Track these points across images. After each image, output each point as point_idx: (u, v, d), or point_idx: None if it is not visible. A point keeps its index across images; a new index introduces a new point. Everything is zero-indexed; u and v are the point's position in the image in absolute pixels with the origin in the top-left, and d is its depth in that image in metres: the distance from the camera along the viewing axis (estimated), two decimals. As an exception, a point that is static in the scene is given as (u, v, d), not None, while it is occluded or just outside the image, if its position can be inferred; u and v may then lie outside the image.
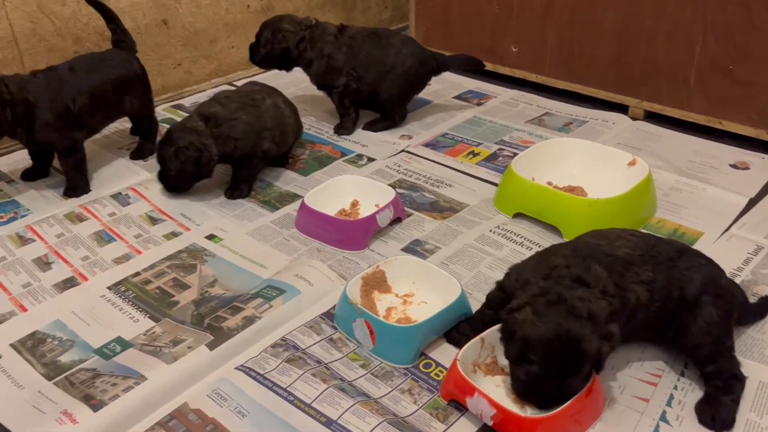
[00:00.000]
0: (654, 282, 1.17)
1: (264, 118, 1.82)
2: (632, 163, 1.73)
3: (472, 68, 2.29)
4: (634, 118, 2.21)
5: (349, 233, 1.61)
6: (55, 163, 1.88)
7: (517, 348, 1.08)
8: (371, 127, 2.18)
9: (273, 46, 2.09)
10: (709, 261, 1.25)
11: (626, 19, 2.14)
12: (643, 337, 1.25)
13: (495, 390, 1.17)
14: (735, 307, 1.22)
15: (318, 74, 2.12)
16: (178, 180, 1.78)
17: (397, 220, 1.68)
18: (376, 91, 2.11)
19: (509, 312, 1.12)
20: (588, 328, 1.05)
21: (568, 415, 1.08)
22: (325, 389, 1.19)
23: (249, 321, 1.34)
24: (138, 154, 2.02)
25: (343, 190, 1.74)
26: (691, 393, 1.20)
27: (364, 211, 1.68)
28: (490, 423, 1.10)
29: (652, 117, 2.20)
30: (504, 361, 1.21)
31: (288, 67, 2.16)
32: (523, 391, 1.12)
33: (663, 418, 1.15)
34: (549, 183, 1.73)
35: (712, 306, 1.17)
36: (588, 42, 2.26)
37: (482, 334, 1.21)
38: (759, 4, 1.87)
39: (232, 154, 1.78)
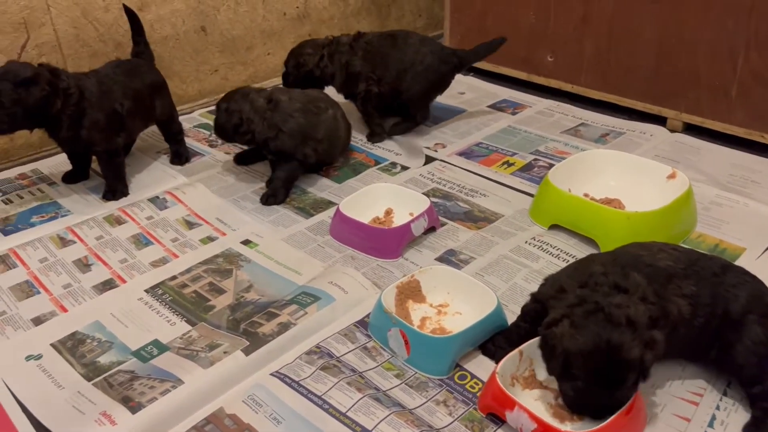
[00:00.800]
0: (697, 297, 1.14)
1: (318, 128, 1.86)
2: (672, 176, 1.70)
3: (495, 49, 2.20)
4: (672, 130, 2.18)
5: (383, 241, 1.61)
6: (95, 166, 1.92)
7: (559, 364, 1.07)
8: (395, 129, 2.20)
9: (298, 71, 2.17)
10: (754, 278, 1.22)
11: (666, 30, 2.11)
12: (685, 354, 1.23)
13: (533, 404, 1.16)
14: None
15: (340, 85, 2.16)
16: (217, 131, 1.89)
17: (431, 230, 1.68)
18: (398, 90, 2.12)
19: (547, 327, 1.10)
20: (628, 336, 1.03)
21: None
22: (360, 398, 1.18)
23: (284, 327, 1.35)
24: (177, 159, 2.05)
25: (378, 198, 1.74)
26: (735, 413, 1.17)
27: (398, 220, 1.67)
28: (530, 437, 1.08)
29: (691, 129, 2.16)
30: (542, 375, 1.20)
31: (320, 87, 2.19)
32: (572, 405, 1.10)
33: (705, 439, 1.13)
34: (586, 195, 1.71)
35: (758, 325, 1.14)
36: (626, 52, 2.23)
37: (521, 347, 1.19)
38: (805, 16, 1.83)
39: (271, 143, 1.82)
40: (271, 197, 1.83)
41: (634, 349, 1.03)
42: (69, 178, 1.95)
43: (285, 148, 1.82)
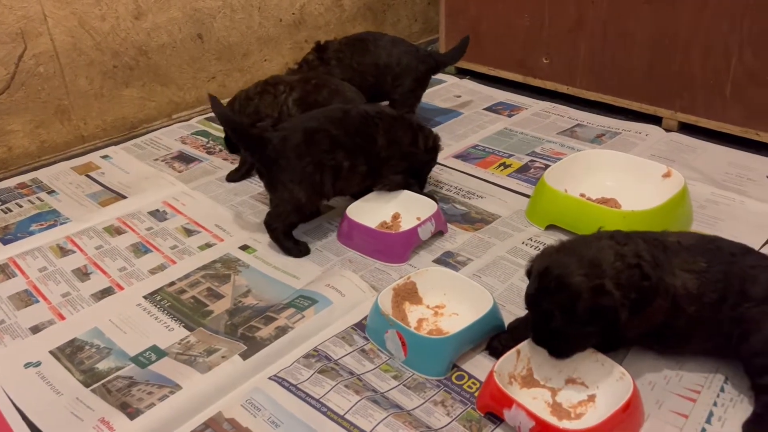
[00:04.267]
0: (706, 273, 1.14)
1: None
2: (667, 175, 1.70)
3: (464, 48, 2.24)
4: (667, 130, 2.19)
5: (391, 246, 1.61)
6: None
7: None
8: None
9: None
10: None
11: (660, 31, 2.12)
12: (707, 342, 1.20)
13: (532, 402, 1.16)
14: None
15: None
16: None
17: (438, 233, 1.68)
18: (383, 93, 2.14)
19: (531, 260, 1.19)
20: (580, 268, 1.08)
21: (607, 429, 1.06)
22: (358, 401, 1.19)
23: (282, 331, 1.35)
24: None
25: (385, 202, 1.74)
26: (732, 409, 1.17)
27: (405, 224, 1.67)
28: (527, 436, 1.09)
29: (686, 128, 2.17)
30: (540, 374, 1.21)
31: None
32: (533, 335, 1.16)
33: (703, 435, 1.13)
34: (582, 195, 1.72)
35: None
36: (620, 53, 2.24)
37: (518, 346, 1.20)
38: (797, 14, 1.84)
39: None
40: None
41: (576, 277, 1.07)
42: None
43: None
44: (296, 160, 1.56)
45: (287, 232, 1.63)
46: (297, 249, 1.63)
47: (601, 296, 1.08)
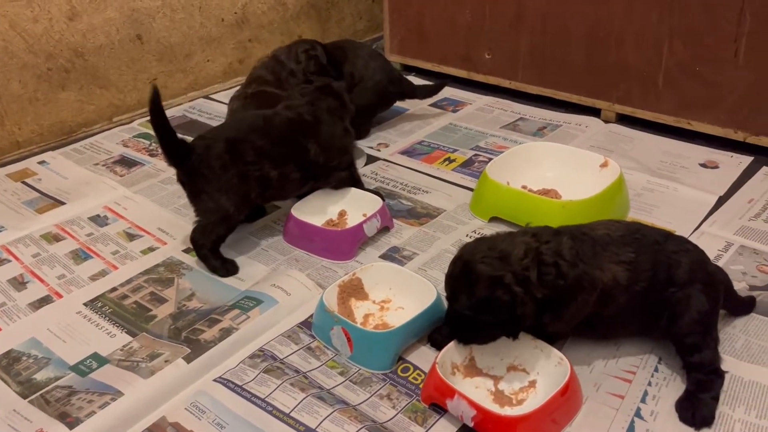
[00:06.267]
0: (635, 263, 1.18)
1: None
2: (604, 165, 1.75)
3: (437, 91, 2.30)
4: (606, 121, 2.25)
5: (336, 243, 1.61)
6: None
7: None
8: None
9: None
10: (696, 247, 1.26)
11: (595, 24, 2.18)
12: (638, 325, 1.25)
13: (475, 391, 1.18)
14: (722, 295, 1.23)
15: None
16: None
17: (385, 229, 1.69)
18: None
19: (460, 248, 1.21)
20: (487, 257, 1.11)
21: (546, 413, 1.09)
22: (304, 398, 1.19)
23: (226, 332, 1.34)
24: None
25: (331, 200, 1.74)
26: (665, 388, 1.21)
27: (352, 221, 1.68)
28: (471, 424, 1.10)
29: (624, 119, 2.23)
30: (482, 363, 1.23)
31: None
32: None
33: (638, 413, 1.16)
34: (524, 187, 1.75)
35: (703, 294, 1.17)
36: (559, 47, 2.29)
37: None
38: (723, 7, 1.91)
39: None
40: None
41: (479, 265, 1.10)
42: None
43: None
44: (220, 170, 1.49)
45: (214, 248, 1.55)
46: (224, 268, 1.55)
47: (497, 288, 1.10)
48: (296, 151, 1.60)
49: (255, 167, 1.53)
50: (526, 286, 1.10)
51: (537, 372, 1.20)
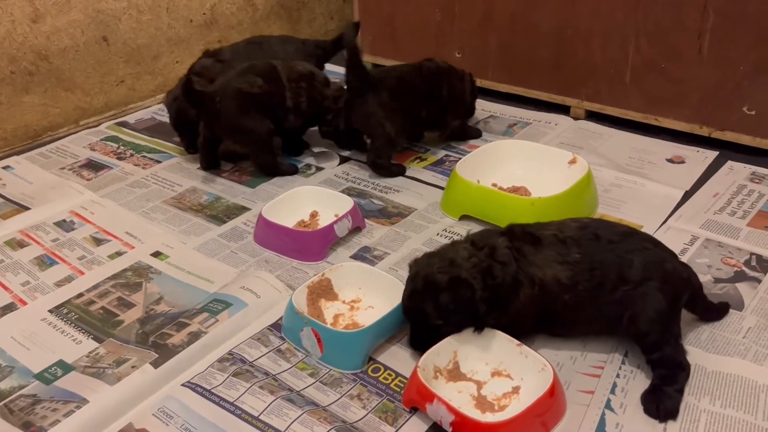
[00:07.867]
0: (580, 263, 1.20)
1: None
2: (573, 162, 1.77)
3: (353, 34, 2.27)
4: (575, 118, 2.27)
5: (307, 244, 1.60)
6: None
7: None
8: None
9: None
10: (657, 245, 1.26)
11: (563, 23, 2.19)
12: (599, 324, 1.26)
13: (457, 396, 1.17)
14: (683, 292, 1.23)
15: None
16: None
17: (356, 230, 1.68)
18: None
19: (409, 264, 1.29)
20: (440, 267, 1.20)
21: (528, 418, 1.08)
22: (273, 401, 1.18)
23: (194, 336, 1.33)
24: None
25: (302, 201, 1.73)
26: (633, 380, 1.23)
27: (324, 222, 1.66)
28: (450, 429, 1.09)
29: (593, 116, 2.26)
30: (466, 367, 1.22)
31: None
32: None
33: (608, 406, 1.17)
34: (494, 185, 1.76)
35: (659, 292, 1.18)
36: (528, 45, 2.30)
37: (444, 340, 1.21)
38: (687, 5, 1.94)
39: None
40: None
41: (437, 275, 1.19)
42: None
43: None
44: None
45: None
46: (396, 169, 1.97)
47: (459, 287, 1.18)
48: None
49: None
50: (478, 282, 1.18)
51: (521, 378, 1.19)
